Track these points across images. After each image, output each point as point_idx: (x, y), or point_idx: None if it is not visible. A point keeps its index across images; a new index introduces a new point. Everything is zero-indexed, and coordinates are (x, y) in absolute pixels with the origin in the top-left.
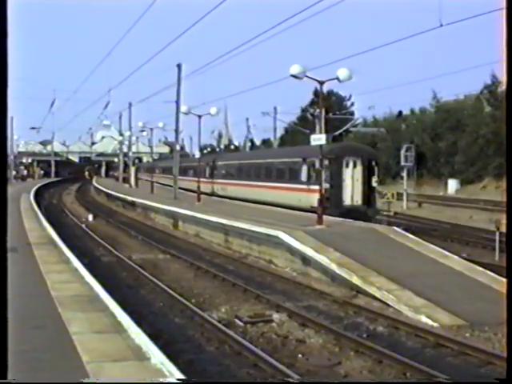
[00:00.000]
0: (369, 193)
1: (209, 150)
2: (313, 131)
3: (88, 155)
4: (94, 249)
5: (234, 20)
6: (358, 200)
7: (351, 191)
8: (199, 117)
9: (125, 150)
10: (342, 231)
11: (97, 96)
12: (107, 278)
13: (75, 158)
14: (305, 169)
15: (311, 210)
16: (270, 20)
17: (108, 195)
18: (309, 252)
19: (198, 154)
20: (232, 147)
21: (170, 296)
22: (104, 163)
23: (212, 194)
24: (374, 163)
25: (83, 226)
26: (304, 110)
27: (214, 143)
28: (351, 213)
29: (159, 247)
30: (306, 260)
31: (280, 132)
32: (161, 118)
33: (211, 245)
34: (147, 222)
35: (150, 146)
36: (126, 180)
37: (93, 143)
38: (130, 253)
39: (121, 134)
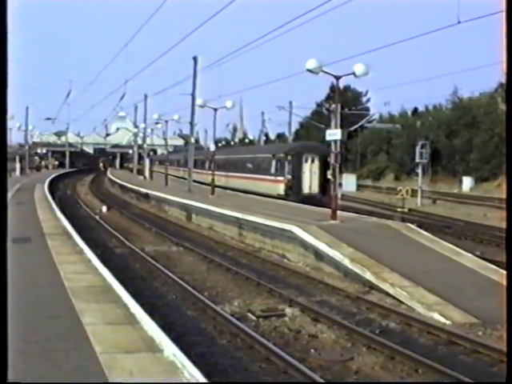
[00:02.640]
0: (324, 183)
1: (223, 143)
2: (328, 126)
3: (102, 146)
4: (108, 240)
5: (250, 14)
6: (315, 189)
7: (309, 182)
8: (215, 110)
9: (139, 141)
10: (356, 227)
11: (113, 87)
12: (120, 269)
13: (89, 150)
14: (273, 163)
15: (277, 197)
16: (287, 14)
17: (122, 187)
18: (322, 247)
19: (212, 147)
20: (246, 141)
21: (183, 288)
22: (118, 155)
23: (209, 184)
24: (329, 159)
25: (97, 217)
26: (319, 105)
27: (229, 137)
28: (309, 199)
29: (172, 239)
30: (319, 255)
31: (295, 126)
32: (176, 111)
33: (224, 238)
34: (161, 214)
35: (165, 139)
36: (140, 172)
37: (107, 134)
38: (143, 245)
39: (136, 126)
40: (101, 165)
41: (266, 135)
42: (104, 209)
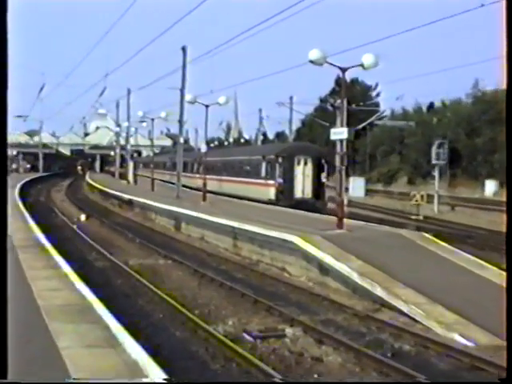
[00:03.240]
0: (318, 187)
1: (216, 143)
2: (333, 124)
3: (80, 148)
4: (87, 253)
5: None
6: (308, 193)
7: (302, 186)
8: (206, 106)
9: (122, 142)
10: (365, 236)
11: (92, 81)
12: (101, 285)
13: (66, 151)
14: (264, 166)
15: (268, 202)
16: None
17: (103, 193)
18: (327, 259)
19: (204, 148)
20: (242, 141)
21: (171, 306)
22: (98, 157)
23: (199, 189)
24: (323, 161)
25: (74, 227)
26: (323, 101)
27: (223, 136)
28: (302, 204)
29: (159, 251)
30: (323, 268)
31: (296, 124)
32: (163, 108)
33: (218, 250)
34: (146, 223)
35: (151, 139)
36: (123, 176)
37: (86, 134)
38: (126, 258)
39: (118, 125)
40: (79, 168)
41: (264, 134)
42: (82, 217)
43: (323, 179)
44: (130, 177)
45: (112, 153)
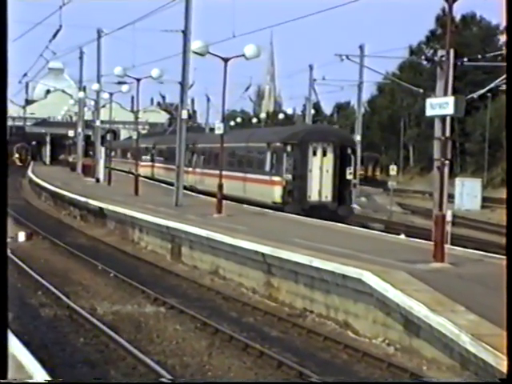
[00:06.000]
0: (341, 187)
1: (238, 121)
2: (430, 91)
3: (20, 123)
4: (27, 293)
5: None
6: (328, 195)
7: (319, 184)
8: (225, 61)
9: (88, 116)
10: (481, 274)
11: (39, 16)
12: (49, 347)
13: None
14: (268, 156)
15: (273, 206)
16: None
17: (55, 196)
18: (418, 310)
19: (220, 128)
20: (280, 116)
21: None
22: (49, 139)
23: (191, 189)
24: (349, 151)
25: (8, 251)
26: (415, 52)
27: (250, 109)
28: (317, 210)
29: (146, 293)
30: (411, 325)
31: (369, 91)
32: (155, 63)
33: (240, 291)
34: (126, 246)
35: (135, 111)
36: (88, 170)
37: (28, 102)
38: (92, 302)
39: (82, 88)
40: (16, 156)
41: (317, 107)
42: (21, 236)
43: (349, 176)
44: (101, 172)
45: (71, 132)
